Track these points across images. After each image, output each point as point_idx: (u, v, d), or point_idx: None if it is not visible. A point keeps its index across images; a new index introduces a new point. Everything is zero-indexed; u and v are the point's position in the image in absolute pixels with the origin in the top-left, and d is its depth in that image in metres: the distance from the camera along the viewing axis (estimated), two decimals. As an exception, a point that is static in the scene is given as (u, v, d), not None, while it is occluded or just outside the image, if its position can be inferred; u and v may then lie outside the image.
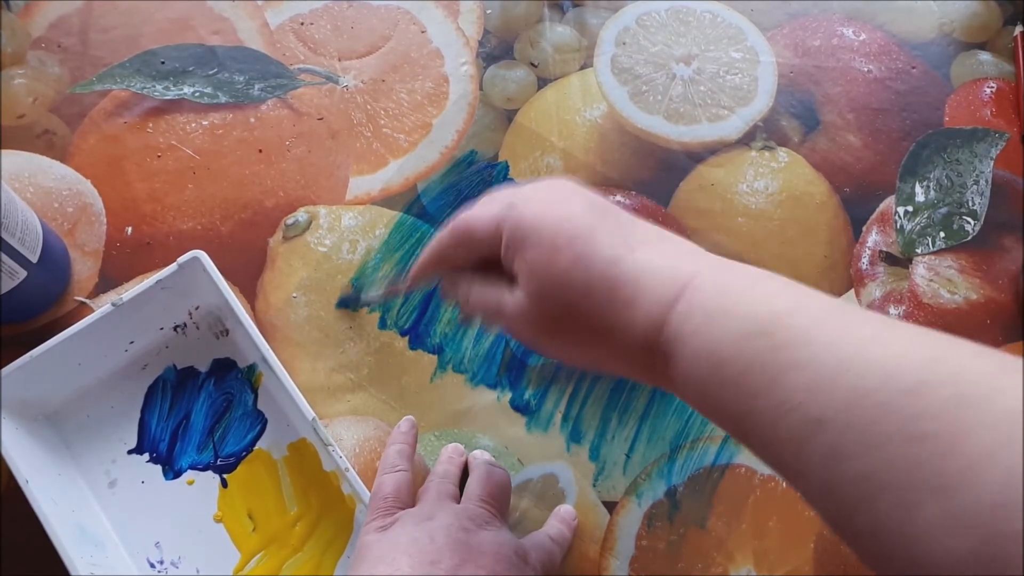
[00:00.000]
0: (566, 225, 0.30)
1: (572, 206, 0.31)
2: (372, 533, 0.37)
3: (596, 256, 0.30)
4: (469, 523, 0.37)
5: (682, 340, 0.28)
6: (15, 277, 0.43)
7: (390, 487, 0.40)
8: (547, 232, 0.30)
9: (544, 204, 0.31)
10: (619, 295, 0.29)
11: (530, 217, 0.31)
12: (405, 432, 0.44)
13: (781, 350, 0.26)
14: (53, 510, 0.40)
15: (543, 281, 0.30)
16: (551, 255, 0.30)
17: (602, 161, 0.53)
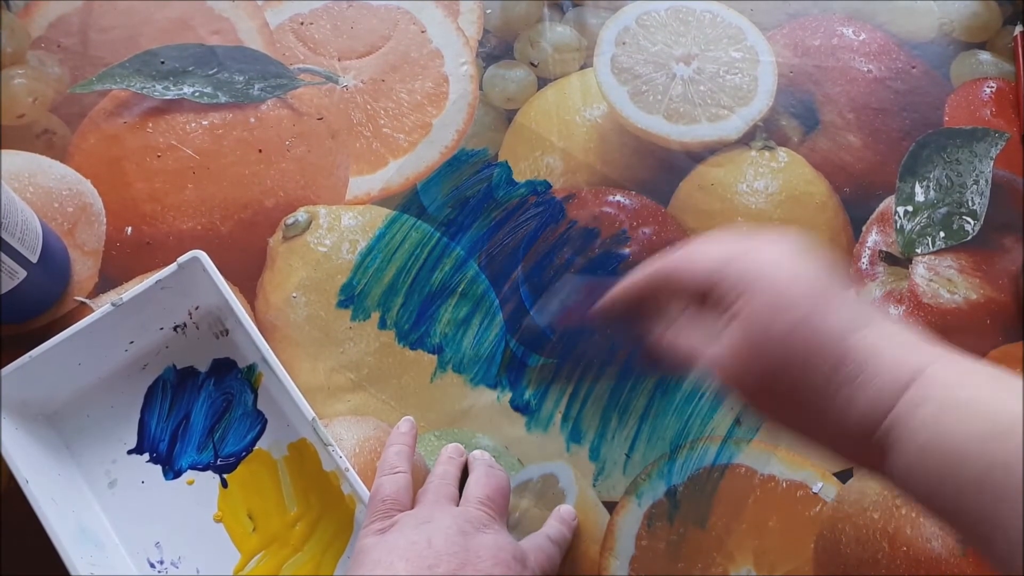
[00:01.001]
0: (799, 282, 0.30)
1: (807, 264, 0.30)
2: (370, 536, 0.37)
3: (826, 323, 0.29)
4: (467, 526, 0.37)
5: (910, 431, 0.27)
6: (15, 277, 0.43)
7: (389, 489, 0.40)
8: (778, 284, 0.30)
9: (778, 255, 0.31)
10: (844, 370, 0.28)
11: (761, 264, 0.30)
12: (404, 433, 0.44)
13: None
14: (53, 510, 0.40)
15: (764, 333, 0.30)
16: (778, 309, 0.29)
17: (602, 161, 0.53)
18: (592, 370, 0.47)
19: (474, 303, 0.49)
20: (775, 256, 0.31)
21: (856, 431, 0.29)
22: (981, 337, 0.49)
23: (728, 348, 0.31)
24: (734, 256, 0.31)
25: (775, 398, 0.31)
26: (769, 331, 0.29)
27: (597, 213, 0.51)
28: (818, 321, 0.29)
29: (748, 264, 0.31)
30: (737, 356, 0.31)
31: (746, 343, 0.30)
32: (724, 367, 0.31)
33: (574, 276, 0.47)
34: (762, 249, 0.31)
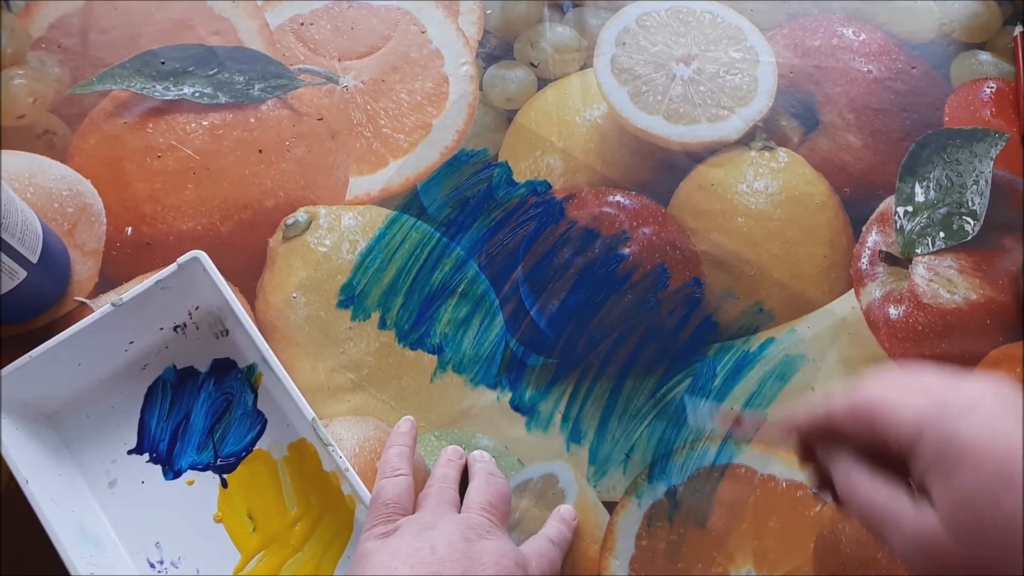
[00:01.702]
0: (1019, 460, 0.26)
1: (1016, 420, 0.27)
2: (373, 540, 0.37)
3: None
4: (470, 532, 0.37)
5: None
6: (15, 277, 0.43)
7: (391, 492, 0.39)
8: (992, 462, 0.26)
9: (990, 423, 0.27)
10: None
11: (970, 436, 0.26)
12: (405, 433, 0.44)
13: None
14: (53, 510, 0.40)
15: (977, 520, 0.26)
16: (996, 493, 0.26)
17: (602, 161, 0.53)
18: (592, 370, 0.47)
19: (474, 303, 0.49)
20: (986, 425, 0.27)
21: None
22: (981, 337, 0.49)
23: (919, 529, 0.27)
24: (930, 419, 0.27)
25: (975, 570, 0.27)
26: (981, 521, 0.26)
27: (597, 213, 0.51)
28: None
29: (952, 434, 0.27)
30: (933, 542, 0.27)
31: (947, 528, 0.26)
32: (913, 551, 0.28)
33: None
34: (969, 411, 0.27)
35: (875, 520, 0.29)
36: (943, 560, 0.27)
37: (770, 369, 0.48)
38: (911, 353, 0.48)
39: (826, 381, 0.47)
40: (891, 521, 0.28)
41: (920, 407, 0.28)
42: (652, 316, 0.49)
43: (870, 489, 0.30)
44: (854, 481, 0.30)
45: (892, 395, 0.29)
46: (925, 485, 0.28)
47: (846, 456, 0.31)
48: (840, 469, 0.31)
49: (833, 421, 0.31)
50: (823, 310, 0.49)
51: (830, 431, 0.32)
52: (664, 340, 0.48)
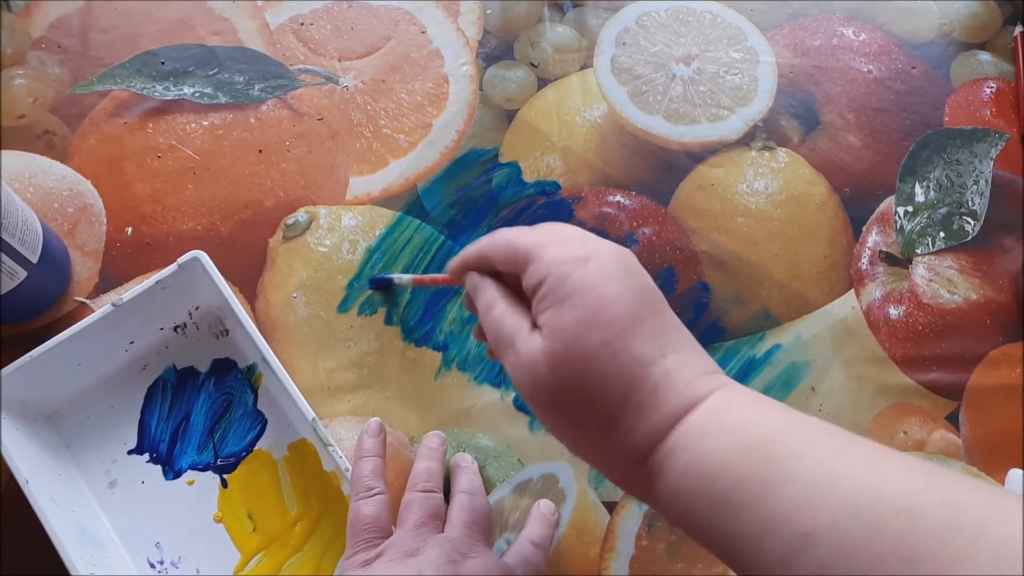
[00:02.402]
0: (611, 306, 0.29)
1: (624, 287, 0.30)
2: (355, 569, 0.37)
3: (628, 349, 0.29)
4: (455, 553, 0.37)
5: (675, 455, 0.28)
6: (15, 277, 0.43)
7: (368, 515, 0.39)
8: (589, 303, 0.29)
9: (598, 273, 0.30)
10: (634, 397, 0.28)
11: (579, 279, 0.29)
12: (374, 436, 0.43)
13: (773, 464, 0.25)
14: (53, 510, 0.40)
15: (566, 349, 0.29)
16: (584, 328, 0.29)
17: (602, 161, 0.53)
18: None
19: (474, 303, 0.49)
20: (595, 274, 0.30)
21: (633, 457, 0.29)
22: (981, 337, 0.49)
23: (527, 354, 0.30)
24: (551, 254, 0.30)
25: (564, 414, 0.30)
26: (568, 350, 0.29)
27: (597, 213, 0.51)
28: (624, 344, 0.29)
29: (567, 275, 0.30)
30: (533, 366, 0.30)
31: (544, 355, 0.29)
32: (519, 374, 0.30)
33: None
34: (586, 260, 0.30)
35: (500, 342, 0.32)
36: (536, 383, 0.29)
37: (776, 375, 0.48)
38: (911, 353, 0.48)
39: (827, 381, 0.47)
40: (510, 343, 0.31)
41: (553, 251, 0.31)
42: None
43: (503, 314, 0.32)
44: (492, 306, 0.33)
45: (537, 239, 0.32)
46: (538, 316, 0.30)
47: (492, 286, 0.33)
48: (484, 295, 0.33)
49: (490, 249, 0.33)
50: (823, 310, 0.49)
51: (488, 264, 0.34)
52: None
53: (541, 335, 0.30)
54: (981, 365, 0.48)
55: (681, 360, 0.29)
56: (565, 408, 0.30)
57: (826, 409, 0.47)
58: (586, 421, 0.29)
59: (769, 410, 0.28)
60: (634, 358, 0.29)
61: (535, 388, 0.30)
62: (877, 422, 0.47)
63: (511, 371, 0.31)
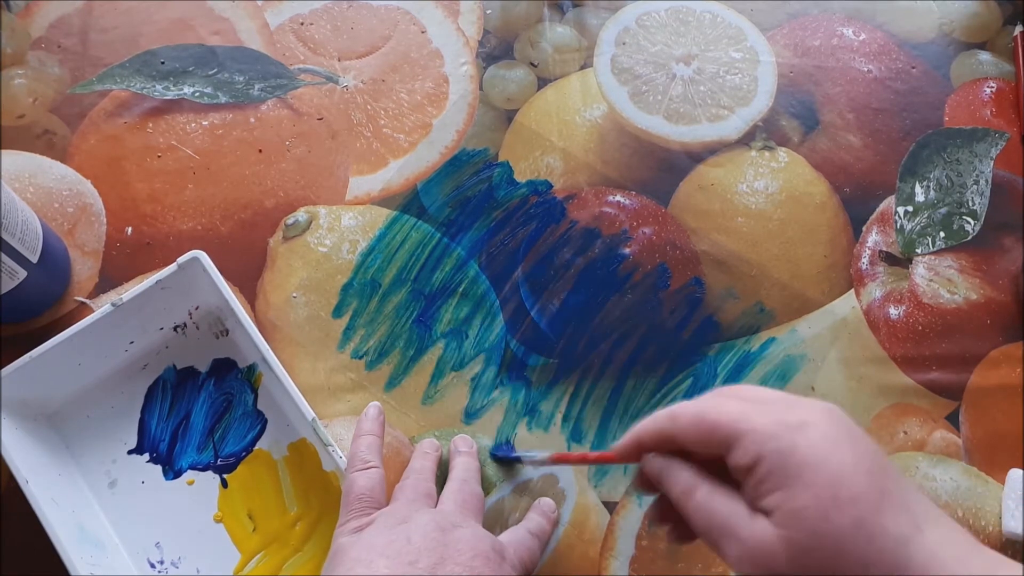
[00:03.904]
0: (853, 480, 0.26)
1: (857, 455, 0.27)
2: (347, 535, 0.37)
3: (884, 528, 0.26)
4: (445, 522, 0.37)
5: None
6: (15, 277, 0.43)
7: (363, 486, 0.39)
8: (826, 479, 0.26)
9: (823, 441, 0.27)
10: (887, 561, 0.26)
11: (805, 452, 0.27)
12: (373, 419, 0.43)
13: None
14: (53, 510, 0.40)
15: (811, 536, 0.26)
16: (828, 509, 0.26)
17: (602, 161, 0.53)
18: (593, 370, 0.47)
19: (475, 303, 0.49)
20: (822, 443, 0.27)
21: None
22: (981, 337, 0.49)
23: (755, 542, 0.27)
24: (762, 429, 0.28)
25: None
26: (815, 536, 0.26)
27: (597, 213, 0.51)
28: (878, 522, 0.26)
29: (790, 449, 0.27)
30: (769, 555, 0.27)
31: (782, 542, 0.27)
32: (756, 563, 0.28)
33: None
34: (805, 427, 0.28)
35: (713, 531, 0.29)
36: (772, 570, 0.27)
37: (771, 369, 0.48)
38: (911, 353, 0.48)
39: (826, 381, 0.47)
40: (728, 532, 0.28)
41: (761, 422, 0.28)
42: (653, 316, 0.49)
43: (709, 500, 0.29)
44: (693, 492, 0.30)
45: (734, 409, 0.29)
46: (761, 499, 0.28)
47: (685, 468, 0.31)
48: (678, 480, 0.31)
49: (675, 429, 0.31)
50: (823, 310, 0.49)
51: (670, 443, 0.31)
52: (665, 340, 0.48)
53: (769, 520, 0.27)
54: (981, 365, 0.48)
55: (943, 536, 0.27)
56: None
57: (826, 409, 0.47)
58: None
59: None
60: (892, 537, 0.26)
61: (767, 573, 0.27)
62: (877, 422, 0.47)
63: (735, 563, 0.28)
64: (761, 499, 0.28)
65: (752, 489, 0.28)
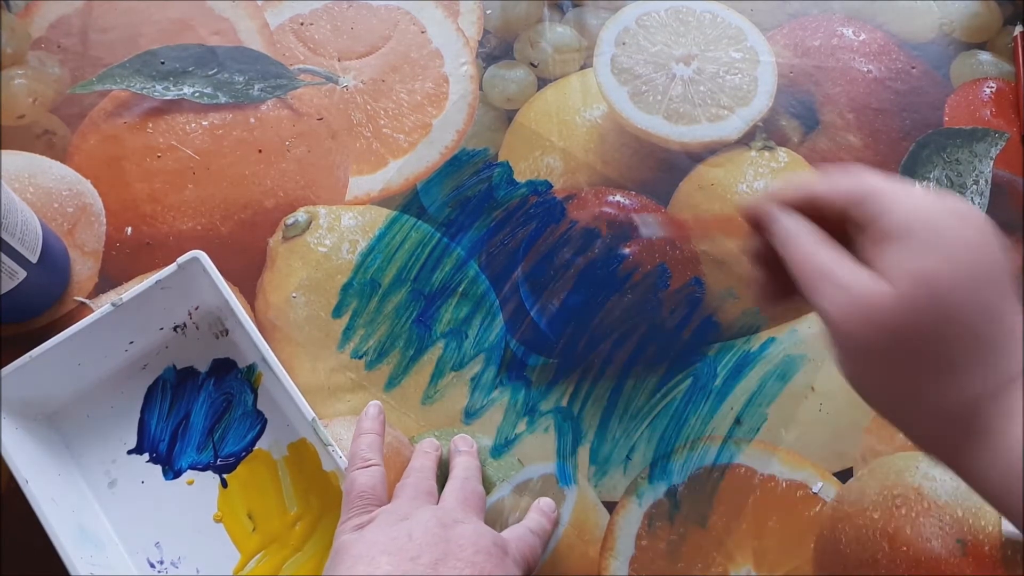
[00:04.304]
0: (989, 256, 0.27)
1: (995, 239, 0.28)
2: (349, 533, 0.37)
3: (996, 304, 0.27)
4: (447, 518, 0.37)
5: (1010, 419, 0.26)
6: (15, 277, 0.43)
7: (364, 483, 0.39)
8: (965, 251, 0.27)
9: (973, 224, 0.28)
10: (983, 350, 0.27)
11: (951, 226, 0.27)
12: (373, 418, 0.43)
13: None
14: (53, 510, 0.40)
15: (932, 293, 0.27)
16: (960, 276, 0.27)
17: (602, 161, 0.53)
18: (593, 370, 0.47)
19: (474, 303, 0.49)
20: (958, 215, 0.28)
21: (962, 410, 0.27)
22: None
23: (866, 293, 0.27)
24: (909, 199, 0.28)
25: (903, 356, 0.27)
26: (943, 293, 0.26)
27: (597, 213, 0.51)
28: (994, 299, 0.27)
29: (927, 214, 0.27)
30: (876, 307, 0.27)
31: (908, 298, 0.27)
32: (855, 308, 0.27)
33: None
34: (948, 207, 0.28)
35: (814, 273, 0.29)
36: (873, 323, 0.27)
37: (771, 368, 0.48)
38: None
39: (826, 381, 0.47)
40: (831, 276, 0.28)
41: (919, 197, 0.28)
42: (653, 316, 0.49)
43: (816, 245, 0.29)
44: (801, 234, 0.30)
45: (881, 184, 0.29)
46: (879, 254, 0.28)
47: (798, 216, 0.30)
48: (788, 224, 0.30)
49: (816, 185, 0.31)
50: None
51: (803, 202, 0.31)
52: (665, 340, 0.48)
53: (883, 276, 0.27)
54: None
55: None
56: (902, 348, 0.27)
57: (826, 408, 0.47)
58: (924, 366, 0.27)
59: None
60: (990, 312, 0.27)
61: (869, 326, 0.27)
62: (877, 422, 0.47)
63: (829, 309, 0.28)
64: (879, 254, 0.28)
65: (871, 243, 0.28)
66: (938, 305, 0.27)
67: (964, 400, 0.27)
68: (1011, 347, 0.27)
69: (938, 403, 0.28)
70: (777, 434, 0.46)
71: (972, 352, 0.27)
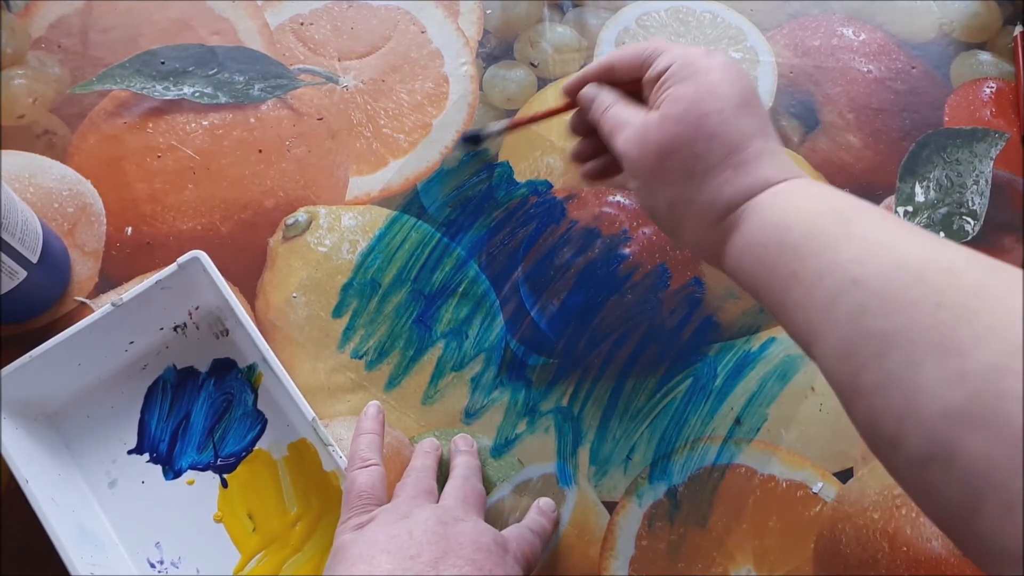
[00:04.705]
0: (729, 86, 0.34)
1: (742, 79, 0.35)
2: (349, 532, 0.37)
3: (737, 121, 0.34)
4: (447, 516, 0.37)
5: (760, 209, 0.33)
6: (15, 277, 0.43)
7: (364, 483, 0.39)
8: (711, 80, 0.34)
9: (721, 65, 0.35)
10: (734, 157, 0.34)
11: (704, 64, 0.35)
12: (372, 418, 0.43)
13: (842, 226, 0.29)
14: (53, 510, 0.40)
15: (682, 111, 0.34)
16: (703, 97, 0.34)
17: (602, 161, 0.53)
18: (593, 370, 0.47)
19: (475, 303, 0.49)
20: (721, 62, 0.35)
21: (721, 209, 0.34)
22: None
23: (641, 124, 0.35)
24: (681, 48, 0.36)
25: (667, 164, 0.35)
26: (690, 109, 0.34)
27: (597, 213, 0.51)
28: (735, 116, 0.34)
29: (695, 59, 0.35)
30: (646, 130, 0.35)
31: (661, 119, 0.35)
32: (630, 141, 0.36)
33: None
34: (707, 51, 0.36)
35: (615, 128, 0.37)
36: (647, 142, 0.35)
37: (771, 369, 0.48)
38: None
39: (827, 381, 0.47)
40: (624, 124, 0.37)
41: (682, 48, 0.36)
42: (653, 316, 0.49)
43: (620, 108, 0.37)
44: (611, 105, 0.38)
45: (665, 41, 0.38)
46: (659, 97, 0.36)
47: (612, 91, 0.39)
48: (604, 99, 0.39)
49: (614, 57, 0.39)
50: (823, 310, 0.49)
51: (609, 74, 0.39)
52: (665, 340, 0.48)
53: (659, 107, 0.35)
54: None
55: (779, 149, 0.35)
56: (669, 159, 0.34)
57: (826, 408, 0.47)
58: (687, 171, 0.34)
59: (850, 195, 0.32)
60: (741, 129, 0.34)
61: (644, 146, 0.35)
62: (877, 422, 0.47)
63: (621, 145, 0.36)
64: (659, 97, 0.36)
65: (655, 92, 0.36)
66: (691, 120, 0.34)
67: (722, 200, 0.34)
68: (764, 159, 0.34)
69: (700, 204, 0.34)
70: (777, 434, 0.46)
71: (725, 159, 0.34)
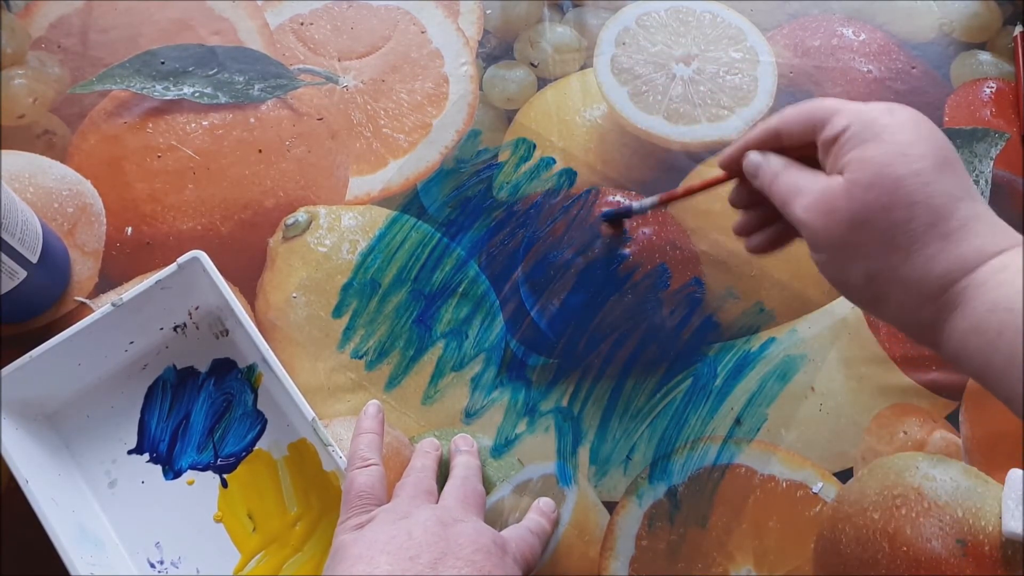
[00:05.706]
0: (923, 144, 0.31)
1: (933, 134, 0.32)
2: (348, 532, 0.37)
3: (941, 182, 0.30)
4: (446, 516, 0.37)
5: (985, 289, 0.29)
6: (15, 277, 0.43)
7: (363, 483, 0.39)
8: (901, 140, 0.31)
9: (907, 120, 0.32)
10: (942, 226, 0.30)
11: (888, 122, 0.31)
12: (372, 417, 0.43)
13: None
14: (53, 510, 0.40)
15: (873, 176, 0.30)
16: (895, 159, 0.30)
17: (602, 161, 0.53)
18: (593, 370, 0.47)
19: (475, 303, 0.49)
20: (905, 118, 0.32)
21: (932, 287, 0.30)
22: (981, 337, 0.48)
23: (824, 191, 0.32)
24: (857, 106, 0.32)
25: (861, 238, 0.31)
26: (882, 173, 0.30)
27: (597, 213, 0.51)
28: (935, 178, 0.30)
29: (875, 118, 0.31)
30: (833, 199, 0.31)
31: (847, 185, 0.31)
32: (817, 206, 0.32)
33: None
34: (889, 107, 0.32)
35: (789, 195, 0.33)
36: (832, 213, 0.31)
37: (771, 369, 0.48)
38: (911, 353, 0.48)
39: (826, 381, 0.47)
40: (800, 190, 0.33)
41: (858, 105, 0.33)
42: (653, 316, 0.49)
43: (793, 174, 0.34)
44: (781, 171, 0.35)
45: (835, 99, 0.34)
46: (840, 161, 0.32)
47: (778, 156, 0.35)
48: (770, 166, 0.35)
49: (780, 121, 0.35)
50: (823, 310, 0.49)
51: (774, 139, 0.36)
52: (665, 340, 0.48)
53: (843, 173, 0.31)
54: (981, 365, 0.48)
55: (989, 211, 0.31)
56: (863, 229, 0.31)
57: (826, 408, 0.47)
58: (885, 242, 0.31)
59: None
60: (944, 191, 0.30)
61: (831, 215, 0.31)
62: (877, 422, 0.47)
63: (801, 214, 0.33)
64: (839, 161, 0.32)
65: (834, 156, 0.32)
66: (885, 186, 0.30)
67: (934, 275, 0.30)
68: (974, 226, 0.30)
69: (908, 279, 0.31)
70: (777, 434, 0.46)
71: (932, 228, 0.30)
